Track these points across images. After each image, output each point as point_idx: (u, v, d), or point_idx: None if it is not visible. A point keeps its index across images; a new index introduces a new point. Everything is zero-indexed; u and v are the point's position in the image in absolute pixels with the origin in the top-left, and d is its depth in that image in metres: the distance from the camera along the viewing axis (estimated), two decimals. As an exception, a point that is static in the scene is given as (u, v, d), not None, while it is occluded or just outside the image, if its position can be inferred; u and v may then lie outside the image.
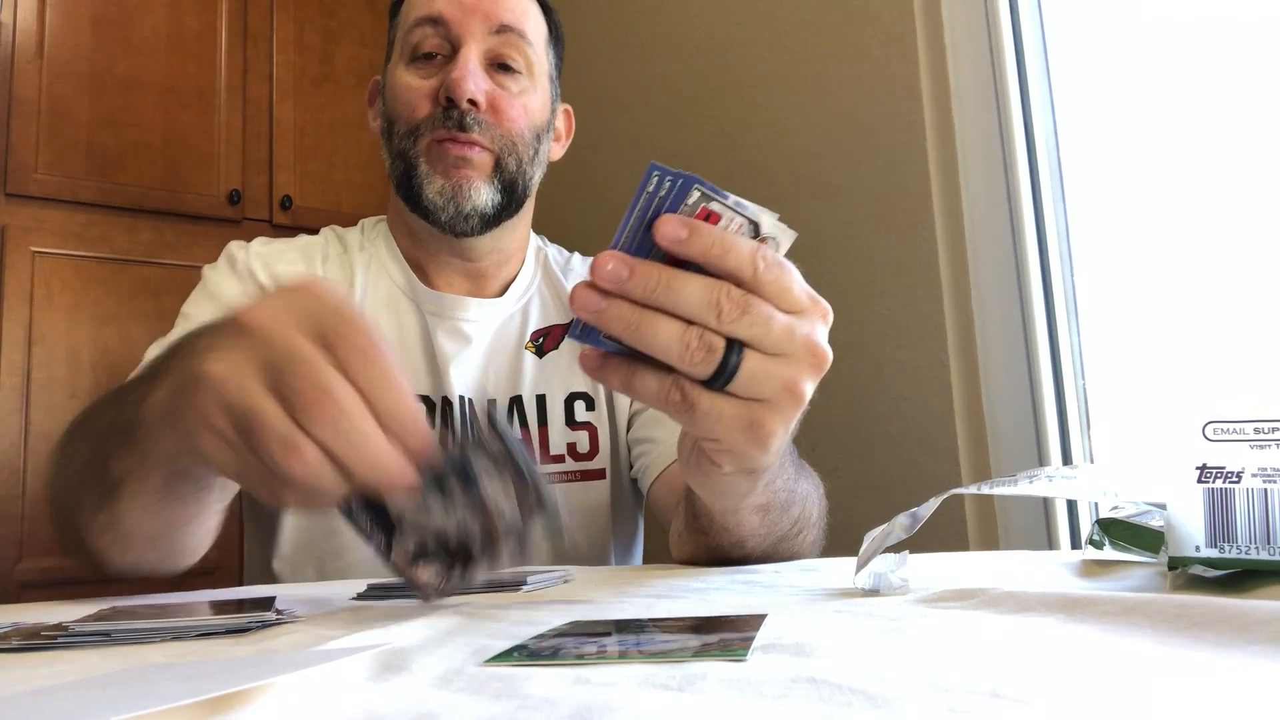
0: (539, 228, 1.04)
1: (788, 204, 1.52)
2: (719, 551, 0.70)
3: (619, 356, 0.47)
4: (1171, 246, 1.21)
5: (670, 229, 0.44)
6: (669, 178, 0.44)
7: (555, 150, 1.00)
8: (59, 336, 1.90)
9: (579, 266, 1.04)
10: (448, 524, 0.47)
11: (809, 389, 0.47)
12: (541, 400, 0.93)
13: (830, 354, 0.47)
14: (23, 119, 1.92)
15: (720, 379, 0.45)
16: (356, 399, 0.43)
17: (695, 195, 0.44)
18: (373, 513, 0.48)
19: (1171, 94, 1.22)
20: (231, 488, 0.63)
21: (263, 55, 2.22)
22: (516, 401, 0.92)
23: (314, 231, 1.00)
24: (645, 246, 0.45)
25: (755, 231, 0.46)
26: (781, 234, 0.46)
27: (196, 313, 0.89)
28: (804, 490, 0.71)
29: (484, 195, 0.88)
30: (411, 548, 0.48)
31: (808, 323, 0.46)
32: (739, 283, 0.45)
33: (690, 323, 0.44)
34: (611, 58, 1.94)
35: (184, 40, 2.13)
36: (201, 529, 0.66)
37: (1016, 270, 1.31)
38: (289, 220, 2.16)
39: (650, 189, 0.44)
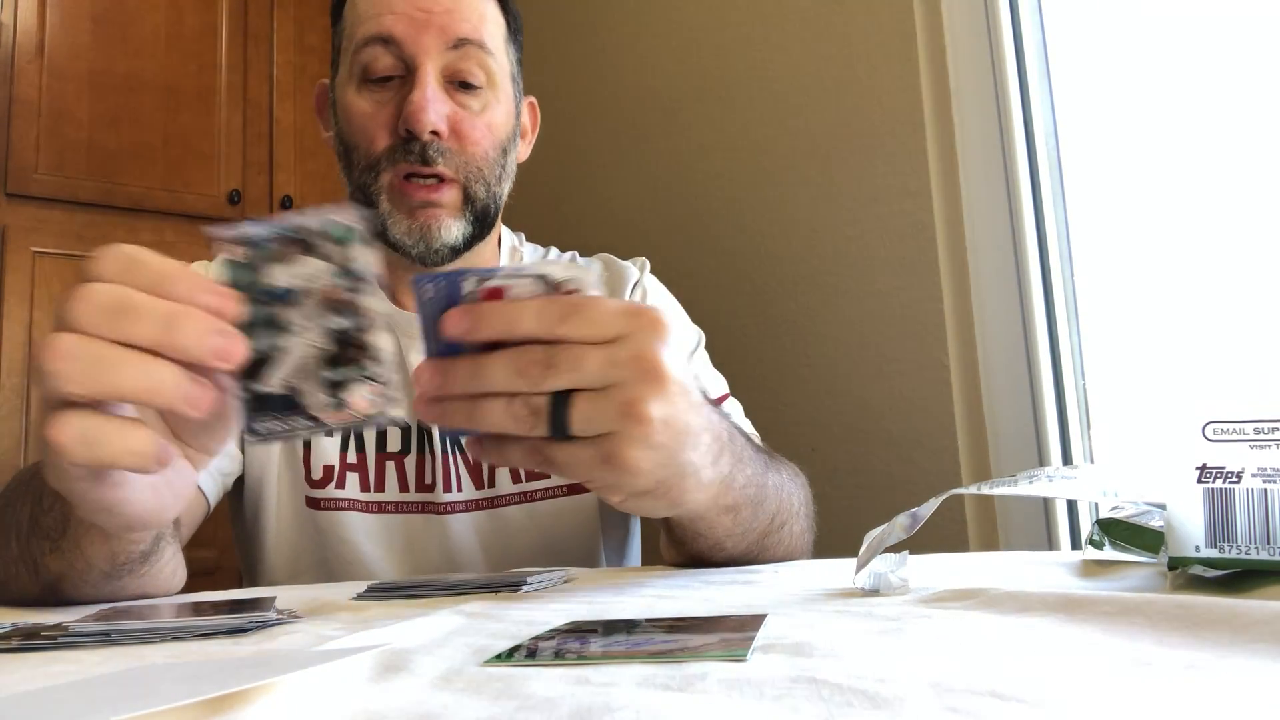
0: (539, 229, 1.04)
1: (788, 204, 1.52)
2: (702, 556, 0.70)
3: (488, 438, 0.50)
4: (1171, 246, 1.21)
5: (454, 324, 0.46)
6: (439, 280, 0.46)
7: (522, 150, 0.95)
8: (59, 336, 1.91)
9: None
10: (312, 337, 0.45)
11: (653, 407, 0.47)
12: None
13: (665, 361, 0.48)
14: (23, 119, 1.92)
15: (559, 431, 0.47)
16: (114, 287, 0.42)
17: (470, 283, 0.46)
18: (262, 408, 0.46)
19: (1172, 93, 1.22)
20: (158, 547, 0.61)
21: (263, 55, 2.22)
22: None
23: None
24: (456, 345, 0.47)
25: (550, 285, 0.47)
26: (576, 274, 0.48)
27: None
28: (776, 483, 0.70)
29: (454, 231, 0.84)
30: (320, 392, 0.46)
31: (630, 343, 0.47)
32: (543, 342, 0.46)
33: (516, 394, 0.47)
34: (610, 58, 1.94)
35: (184, 40, 2.13)
36: (160, 586, 0.65)
37: (1016, 270, 1.31)
38: (289, 220, 2.16)
39: (430, 297, 0.46)
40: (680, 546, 0.70)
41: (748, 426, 0.94)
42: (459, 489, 0.88)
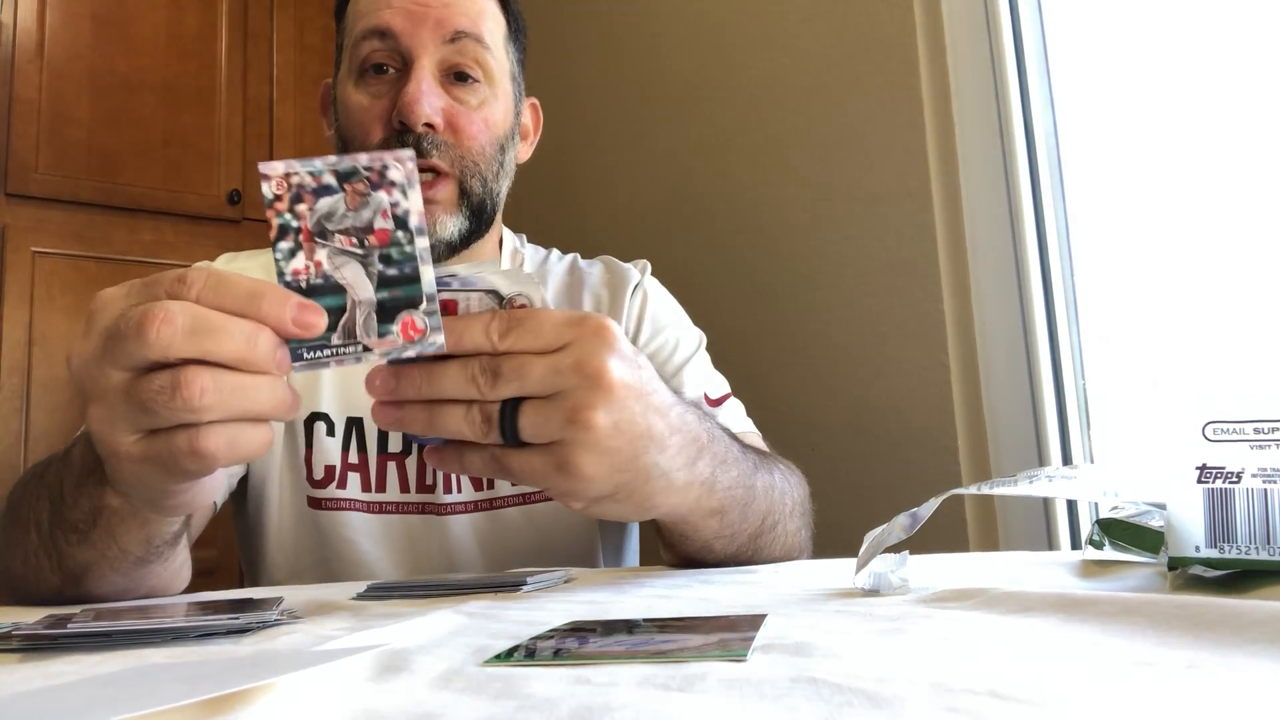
0: (539, 229, 1.04)
1: (788, 204, 1.52)
2: (693, 558, 0.70)
3: (450, 445, 0.51)
4: (1171, 246, 1.21)
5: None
6: None
7: (523, 151, 0.95)
8: (59, 336, 1.90)
9: (556, 266, 1.00)
10: (370, 272, 0.47)
11: (599, 413, 0.49)
12: None
13: (609, 367, 0.49)
14: (23, 119, 1.92)
15: (511, 438, 0.49)
16: (185, 304, 0.45)
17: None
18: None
19: (1172, 93, 1.22)
20: (184, 530, 0.63)
21: (263, 55, 2.22)
22: None
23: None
24: None
25: (499, 298, 0.49)
26: (525, 287, 0.50)
27: None
28: (766, 483, 0.69)
29: (450, 227, 0.84)
30: (371, 319, 0.47)
31: (572, 352, 0.49)
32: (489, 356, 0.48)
33: (471, 401, 0.49)
34: (611, 57, 1.94)
35: (184, 40, 2.13)
36: (175, 578, 0.66)
37: (1016, 270, 1.31)
38: (289, 220, 2.16)
39: None
40: (671, 549, 0.70)
41: (749, 425, 0.94)
42: (459, 490, 0.88)
